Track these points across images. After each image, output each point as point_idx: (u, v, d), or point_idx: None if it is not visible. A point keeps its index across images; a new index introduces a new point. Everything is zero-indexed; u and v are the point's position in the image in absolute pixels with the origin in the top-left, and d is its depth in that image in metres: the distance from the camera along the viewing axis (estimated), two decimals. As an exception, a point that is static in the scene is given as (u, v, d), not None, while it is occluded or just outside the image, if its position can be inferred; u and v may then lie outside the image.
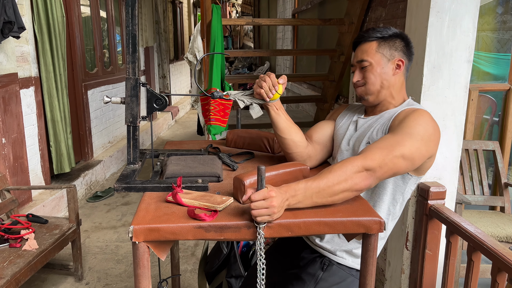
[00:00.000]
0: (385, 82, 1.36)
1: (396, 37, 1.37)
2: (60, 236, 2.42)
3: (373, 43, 1.37)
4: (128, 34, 1.17)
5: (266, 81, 1.33)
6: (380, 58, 1.36)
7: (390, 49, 1.36)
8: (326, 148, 1.53)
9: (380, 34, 1.37)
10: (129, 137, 1.31)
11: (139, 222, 1.04)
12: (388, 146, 1.19)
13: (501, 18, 3.12)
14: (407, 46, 1.39)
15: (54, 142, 3.64)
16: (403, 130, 1.23)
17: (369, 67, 1.36)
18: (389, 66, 1.36)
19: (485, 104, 3.03)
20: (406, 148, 1.19)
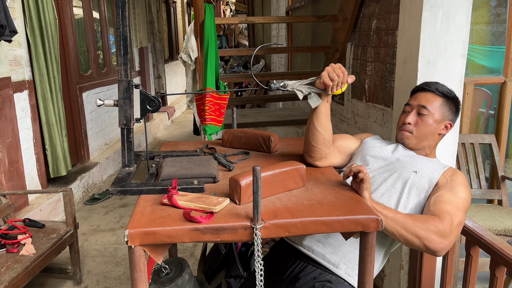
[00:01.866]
0: (430, 136, 1.48)
1: (454, 101, 1.50)
2: (58, 240, 2.41)
3: (439, 98, 1.48)
4: (119, 36, 1.16)
5: (339, 76, 1.31)
6: (440, 114, 1.47)
7: (448, 111, 1.49)
8: (342, 157, 1.58)
9: (447, 93, 1.48)
10: (123, 140, 1.30)
11: (134, 226, 1.03)
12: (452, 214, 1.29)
13: (495, 11, 3.12)
14: (457, 112, 1.52)
15: (50, 145, 3.62)
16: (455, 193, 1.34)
17: (426, 117, 1.47)
18: (441, 125, 1.49)
19: (481, 97, 3.03)
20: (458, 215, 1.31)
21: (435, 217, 1.27)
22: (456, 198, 1.33)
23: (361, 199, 1.20)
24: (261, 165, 1.50)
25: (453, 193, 1.35)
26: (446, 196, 1.34)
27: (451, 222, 1.27)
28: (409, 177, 1.41)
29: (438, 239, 1.25)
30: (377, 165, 1.49)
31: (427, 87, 1.51)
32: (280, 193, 1.24)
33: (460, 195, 1.35)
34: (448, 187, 1.37)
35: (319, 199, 1.19)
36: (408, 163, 1.45)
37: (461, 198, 1.34)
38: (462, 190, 1.36)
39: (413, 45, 1.87)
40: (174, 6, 9.97)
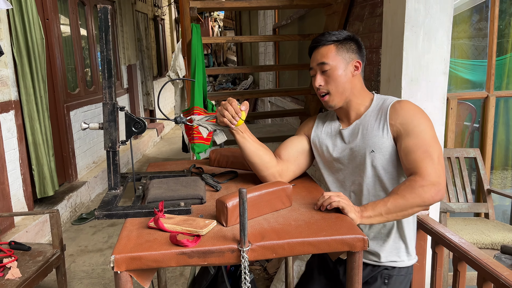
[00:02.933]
0: (346, 84, 1.41)
1: (350, 40, 1.43)
2: (44, 263, 2.37)
3: (331, 47, 1.41)
4: (103, 59, 1.17)
5: (228, 110, 1.33)
6: (340, 61, 1.40)
7: (347, 52, 1.41)
8: (297, 164, 1.54)
9: (336, 38, 1.41)
10: (109, 163, 1.29)
11: (120, 251, 1.02)
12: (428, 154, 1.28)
13: (477, 26, 3.20)
14: (360, 48, 1.44)
15: (37, 165, 3.58)
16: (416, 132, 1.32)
17: (330, 71, 1.40)
18: (349, 69, 1.41)
19: (465, 111, 3.09)
20: (433, 148, 1.30)
21: (416, 177, 1.26)
22: (418, 138, 1.31)
23: (348, 218, 1.21)
24: (248, 185, 1.51)
25: (413, 136, 1.32)
26: (409, 143, 1.32)
27: (431, 166, 1.27)
28: (372, 160, 1.40)
29: (432, 192, 1.24)
30: (340, 166, 1.48)
31: (317, 43, 1.44)
32: (267, 213, 1.25)
33: (420, 130, 1.32)
34: (405, 135, 1.34)
35: (306, 219, 1.20)
36: (361, 147, 1.42)
37: (422, 132, 1.32)
38: (417, 125, 1.33)
39: (397, 63, 1.91)
40: (163, 23, 10.04)
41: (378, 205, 1.26)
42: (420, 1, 1.81)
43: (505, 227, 2.56)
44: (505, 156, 3.16)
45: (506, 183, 3.17)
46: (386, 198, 1.27)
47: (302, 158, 1.56)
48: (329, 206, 1.22)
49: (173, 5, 11.00)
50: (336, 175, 1.52)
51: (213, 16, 16.33)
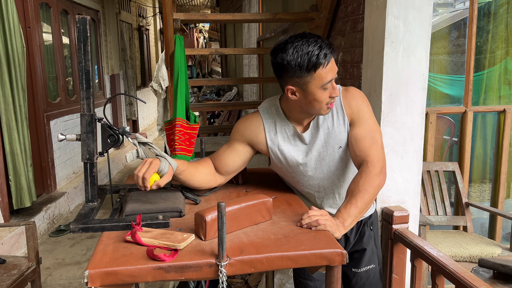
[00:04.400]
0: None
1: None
2: (19, 276, 2.30)
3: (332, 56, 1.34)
4: (81, 70, 1.16)
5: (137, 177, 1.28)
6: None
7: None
8: (238, 171, 1.56)
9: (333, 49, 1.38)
10: (87, 174, 1.27)
11: (95, 266, 1.00)
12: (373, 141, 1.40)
13: (456, 42, 3.29)
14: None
15: (14, 175, 3.49)
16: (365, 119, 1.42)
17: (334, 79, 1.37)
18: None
19: (444, 125, 3.15)
20: (378, 133, 1.43)
21: (368, 167, 1.36)
22: (366, 124, 1.42)
23: (328, 232, 1.21)
24: (228, 197, 1.50)
25: (361, 123, 1.42)
26: (359, 131, 1.41)
27: (377, 151, 1.39)
28: (340, 155, 1.47)
29: (383, 176, 1.39)
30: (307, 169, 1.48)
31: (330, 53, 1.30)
32: (247, 227, 1.24)
33: (367, 117, 1.42)
34: (356, 122, 1.43)
35: (285, 233, 1.19)
36: (328, 146, 1.45)
37: (369, 118, 1.42)
38: (364, 112, 1.42)
39: (377, 78, 1.94)
40: (147, 34, 10.01)
41: (351, 209, 1.31)
42: (399, 17, 1.85)
43: (483, 240, 2.60)
44: (483, 170, 3.22)
45: (484, 196, 3.22)
46: (354, 198, 1.32)
47: (243, 166, 1.56)
48: (313, 228, 1.22)
49: (158, 16, 11.00)
50: (303, 178, 1.51)
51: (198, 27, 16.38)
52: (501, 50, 3.20)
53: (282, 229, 1.22)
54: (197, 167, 1.45)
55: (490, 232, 3.12)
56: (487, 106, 3.12)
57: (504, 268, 1.87)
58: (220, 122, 7.58)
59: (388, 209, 1.95)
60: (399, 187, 1.99)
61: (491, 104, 3.18)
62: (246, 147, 1.50)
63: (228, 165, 1.50)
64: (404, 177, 2.00)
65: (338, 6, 2.76)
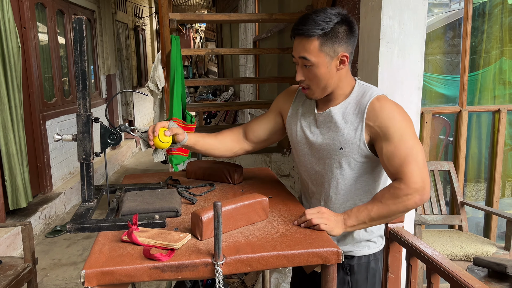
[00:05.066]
0: (330, 81, 1.27)
1: (338, 26, 1.23)
2: (15, 277, 2.30)
3: (314, 41, 1.22)
4: (77, 70, 1.16)
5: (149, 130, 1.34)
6: (324, 57, 1.24)
7: (333, 45, 1.23)
8: (266, 143, 1.54)
9: (322, 29, 1.21)
10: (83, 175, 1.27)
11: (91, 266, 1.00)
12: (410, 159, 1.22)
13: (451, 42, 3.31)
14: (350, 31, 1.26)
15: (10, 176, 3.48)
16: (397, 136, 1.23)
17: (312, 68, 1.25)
18: (333, 64, 1.25)
19: (439, 125, 3.16)
20: (419, 153, 1.23)
21: (400, 184, 1.21)
22: (400, 142, 1.22)
23: (324, 232, 1.22)
24: (225, 197, 1.50)
25: (394, 140, 1.23)
26: (391, 148, 1.23)
27: (415, 170, 1.21)
28: (339, 158, 1.32)
29: (416, 199, 1.22)
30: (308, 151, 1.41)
31: (299, 32, 1.24)
32: (243, 226, 1.24)
33: (401, 134, 1.23)
34: (384, 139, 1.24)
35: (281, 232, 1.20)
36: (331, 140, 1.33)
37: (404, 135, 1.23)
38: (398, 128, 1.23)
39: (372, 78, 1.95)
40: (143, 34, 10.00)
41: (362, 214, 1.25)
42: (394, 18, 1.87)
43: (478, 239, 2.61)
44: (478, 169, 3.24)
45: (479, 196, 3.24)
46: (370, 206, 1.24)
47: (274, 137, 1.54)
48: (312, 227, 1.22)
49: (154, 16, 10.99)
50: (303, 159, 1.44)
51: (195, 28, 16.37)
52: (496, 50, 3.22)
53: (278, 228, 1.23)
54: (217, 136, 1.48)
55: (485, 231, 3.14)
56: (482, 106, 3.14)
57: (499, 266, 1.88)
58: (217, 122, 7.58)
59: (383, 209, 1.96)
60: (394, 187, 2.00)
61: (486, 104, 3.21)
62: (277, 116, 1.50)
63: (255, 131, 1.52)
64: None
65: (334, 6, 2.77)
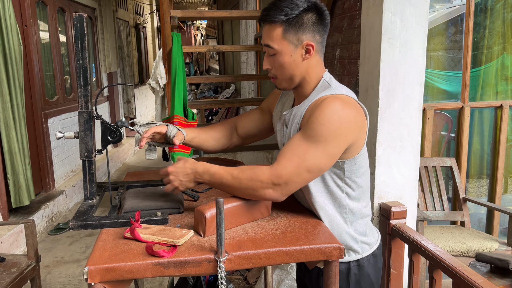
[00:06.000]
0: (295, 71, 1.23)
1: (304, 13, 1.19)
2: (18, 274, 2.30)
3: (277, 28, 1.19)
4: (79, 68, 1.16)
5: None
6: (287, 45, 1.20)
7: (296, 33, 1.19)
8: (255, 138, 1.54)
9: (285, 15, 1.17)
10: (85, 172, 1.28)
11: (94, 262, 1.00)
12: (295, 158, 1.15)
13: (453, 38, 3.29)
14: (319, 19, 1.21)
15: (12, 174, 3.49)
16: (307, 133, 1.16)
17: (276, 56, 1.22)
18: (298, 53, 1.21)
19: (442, 121, 3.16)
20: (311, 160, 1.14)
21: (267, 167, 1.16)
22: (303, 137, 1.16)
23: (325, 227, 1.22)
24: (227, 194, 1.50)
25: (302, 131, 1.18)
26: (294, 136, 1.19)
27: (288, 168, 1.14)
28: None
29: (267, 191, 1.16)
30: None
31: (263, 17, 1.20)
32: (246, 223, 1.25)
33: (311, 133, 1.14)
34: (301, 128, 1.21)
35: (283, 228, 1.20)
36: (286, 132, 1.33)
37: (313, 136, 1.14)
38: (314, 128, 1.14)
39: (374, 74, 1.94)
40: (144, 31, 9.99)
41: (216, 177, 1.21)
42: (396, 13, 1.86)
43: (480, 235, 2.61)
44: (480, 165, 3.23)
45: (481, 192, 3.24)
46: (227, 174, 1.20)
47: (263, 134, 1.54)
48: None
49: (155, 13, 10.98)
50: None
51: (196, 25, 16.35)
52: (498, 46, 3.21)
53: (280, 224, 1.23)
54: (210, 132, 1.50)
55: (487, 227, 3.14)
56: (484, 102, 3.13)
57: (502, 262, 1.88)
58: (218, 120, 7.58)
59: (386, 205, 1.96)
60: (396, 183, 2.00)
61: (488, 99, 3.20)
62: (267, 114, 1.51)
63: (245, 126, 1.53)
64: (401, 173, 2.01)
65: (335, 2, 2.76)
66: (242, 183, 1.18)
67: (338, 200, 1.28)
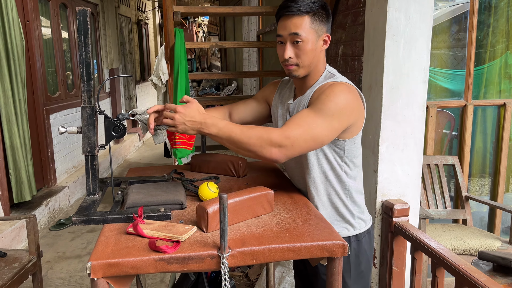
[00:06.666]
0: (314, 59, 1.35)
1: (322, 10, 1.34)
2: (20, 269, 2.31)
3: (306, 18, 1.31)
4: (82, 62, 1.15)
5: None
6: (313, 34, 1.32)
7: (320, 24, 1.33)
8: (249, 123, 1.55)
9: (311, 9, 1.31)
10: (88, 167, 1.27)
11: (97, 258, 1.00)
12: (304, 124, 1.25)
13: (456, 36, 3.28)
14: (329, 18, 1.37)
15: (14, 169, 3.49)
16: (317, 107, 1.27)
17: (302, 44, 1.32)
18: (319, 43, 1.35)
19: (444, 119, 3.15)
20: (317, 129, 1.25)
21: (277, 129, 1.24)
22: (312, 111, 1.26)
23: (329, 224, 1.21)
24: (229, 190, 1.50)
25: (310, 107, 1.29)
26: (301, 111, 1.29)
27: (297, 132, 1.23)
28: None
29: (273, 150, 1.22)
30: None
31: (290, 11, 1.32)
32: (248, 219, 1.24)
33: (320, 107, 1.26)
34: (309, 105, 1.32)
35: (286, 225, 1.20)
36: None
37: (321, 109, 1.25)
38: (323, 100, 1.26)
39: (378, 71, 1.93)
40: (146, 28, 9.98)
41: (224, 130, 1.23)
42: (401, 10, 1.85)
43: (482, 233, 2.61)
44: (483, 164, 3.22)
45: (483, 190, 3.23)
46: (236, 129, 1.23)
47: (257, 123, 1.57)
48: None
49: (157, 10, 10.96)
50: None
51: (198, 22, 16.32)
52: (502, 44, 3.19)
53: (283, 221, 1.23)
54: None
55: (489, 226, 3.13)
56: (487, 100, 3.12)
57: (504, 261, 1.88)
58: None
59: (388, 202, 1.95)
60: (399, 180, 2.00)
61: (491, 98, 3.18)
62: (263, 103, 1.59)
63: (240, 113, 1.57)
64: (404, 170, 2.00)
65: (339, -2, 2.75)
66: (252, 139, 1.22)
67: (339, 176, 1.41)
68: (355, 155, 1.41)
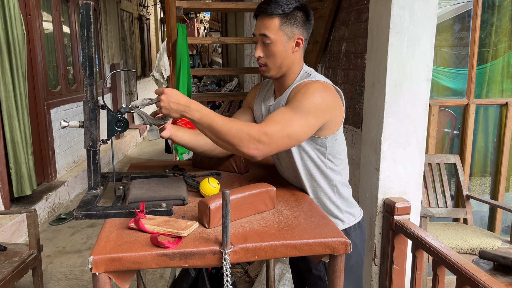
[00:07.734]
0: (285, 60, 1.38)
1: (298, 10, 1.36)
2: (20, 263, 2.31)
3: (275, 20, 1.34)
4: (84, 56, 1.15)
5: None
6: (282, 36, 1.35)
7: (291, 26, 1.35)
8: None
9: (282, 10, 1.34)
10: (89, 162, 1.27)
11: (99, 252, 1.00)
12: (281, 121, 1.27)
13: (459, 35, 3.27)
14: (307, 18, 1.38)
15: (14, 164, 3.49)
16: (293, 105, 1.30)
17: (270, 45, 1.36)
18: (290, 44, 1.37)
19: (446, 118, 3.14)
20: (294, 126, 1.27)
21: (257, 125, 1.25)
22: (289, 108, 1.29)
23: (331, 221, 1.21)
24: (231, 186, 1.50)
25: (287, 105, 1.32)
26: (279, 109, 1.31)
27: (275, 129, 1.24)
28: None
29: (251, 145, 1.23)
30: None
31: (261, 12, 1.36)
32: (250, 215, 1.24)
33: (297, 105, 1.28)
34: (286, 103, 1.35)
35: (288, 222, 1.19)
36: None
37: (298, 107, 1.28)
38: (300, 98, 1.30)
39: (381, 69, 1.93)
40: (148, 23, 9.95)
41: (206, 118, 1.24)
42: (405, 8, 1.84)
43: (483, 232, 2.61)
44: (484, 163, 3.22)
45: (484, 189, 3.23)
46: (218, 119, 1.24)
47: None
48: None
49: (158, 5, 10.93)
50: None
51: (199, 18, 16.28)
52: (504, 44, 3.18)
53: (285, 218, 1.22)
54: (197, 140, 1.54)
55: (489, 225, 3.13)
56: (490, 99, 3.11)
57: (505, 260, 1.88)
58: (221, 113, 7.56)
59: (390, 200, 1.95)
60: (401, 178, 1.99)
61: (494, 97, 3.18)
62: (247, 109, 1.62)
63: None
64: (406, 169, 2.00)
65: (342, -4, 2.74)
66: (232, 131, 1.23)
67: (324, 173, 1.43)
68: (338, 151, 1.43)
